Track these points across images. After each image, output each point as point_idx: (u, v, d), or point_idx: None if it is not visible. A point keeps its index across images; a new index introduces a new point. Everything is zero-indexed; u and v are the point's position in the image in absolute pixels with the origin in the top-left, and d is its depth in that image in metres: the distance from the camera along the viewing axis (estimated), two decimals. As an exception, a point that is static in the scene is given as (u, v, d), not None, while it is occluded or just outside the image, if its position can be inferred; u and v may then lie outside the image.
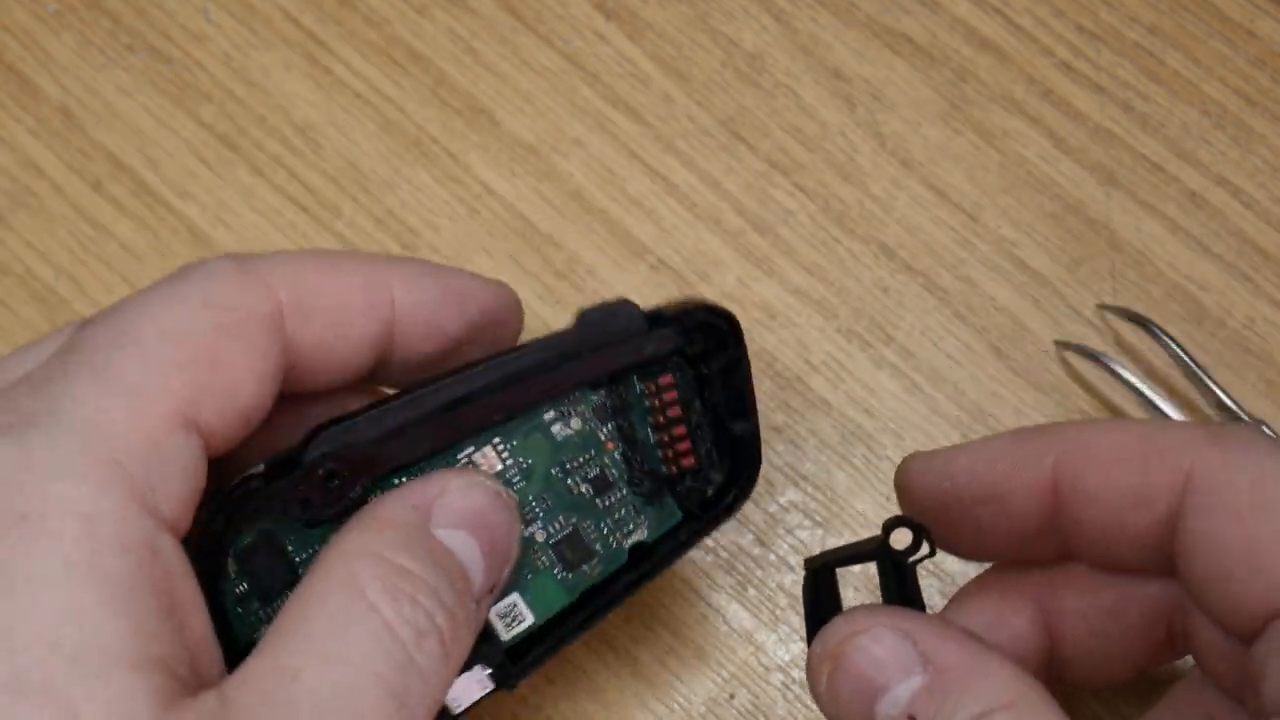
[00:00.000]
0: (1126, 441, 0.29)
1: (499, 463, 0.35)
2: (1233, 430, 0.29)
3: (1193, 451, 0.28)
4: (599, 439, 0.36)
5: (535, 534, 0.35)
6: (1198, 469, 0.28)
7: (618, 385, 0.37)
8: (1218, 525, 0.27)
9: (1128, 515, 0.29)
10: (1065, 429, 0.31)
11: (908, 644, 0.28)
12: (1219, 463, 0.28)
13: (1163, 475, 0.29)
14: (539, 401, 0.36)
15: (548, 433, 0.36)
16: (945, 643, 0.28)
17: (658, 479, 0.37)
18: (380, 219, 0.47)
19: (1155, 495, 0.29)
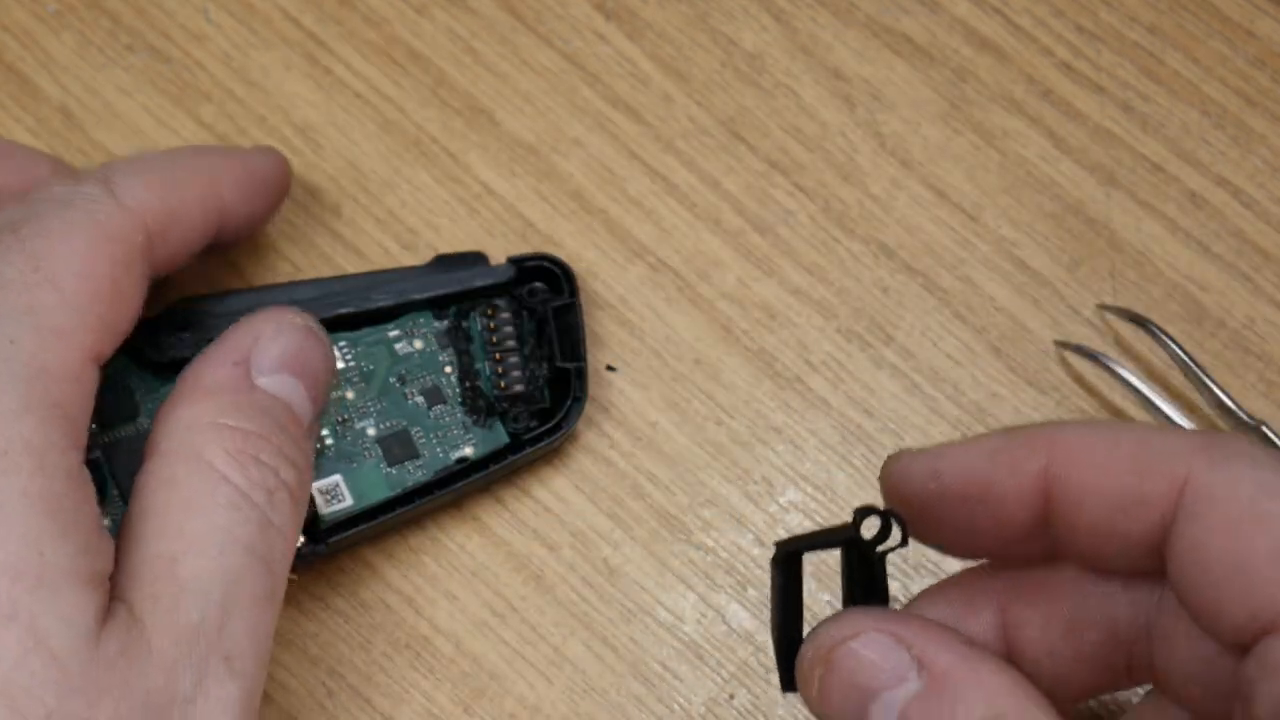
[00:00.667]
0: (1122, 445, 0.29)
1: (341, 362, 0.42)
2: (1230, 439, 0.29)
3: (1189, 459, 0.28)
4: (438, 361, 0.43)
5: (367, 429, 0.42)
6: (1193, 477, 0.28)
7: (460, 319, 0.43)
8: (1210, 535, 0.27)
9: (1120, 520, 0.29)
10: (1059, 429, 0.30)
11: (901, 649, 0.28)
12: (1215, 472, 0.28)
13: (1158, 481, 0.28)
14: (382, 311, 0.43)
15: (390, 346, 0.43)
16: (940, 648, 0.28)
17: (489, 402, 0.43)
18: (380, 219, 0.47)
19: (1149, 501, 0.28)
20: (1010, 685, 0.27)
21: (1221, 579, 0.27)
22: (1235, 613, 0.27)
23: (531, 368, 0.44)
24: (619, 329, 0.46)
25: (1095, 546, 0.30)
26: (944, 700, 0.27)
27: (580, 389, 0.43)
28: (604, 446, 0.45)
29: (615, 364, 0.46)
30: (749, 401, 0.45)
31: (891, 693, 0.28)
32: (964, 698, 0.27)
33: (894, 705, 0.27)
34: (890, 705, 0.27)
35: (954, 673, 0.27)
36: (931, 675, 0.27)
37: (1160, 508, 0.28)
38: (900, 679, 0.28)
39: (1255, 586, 0.26)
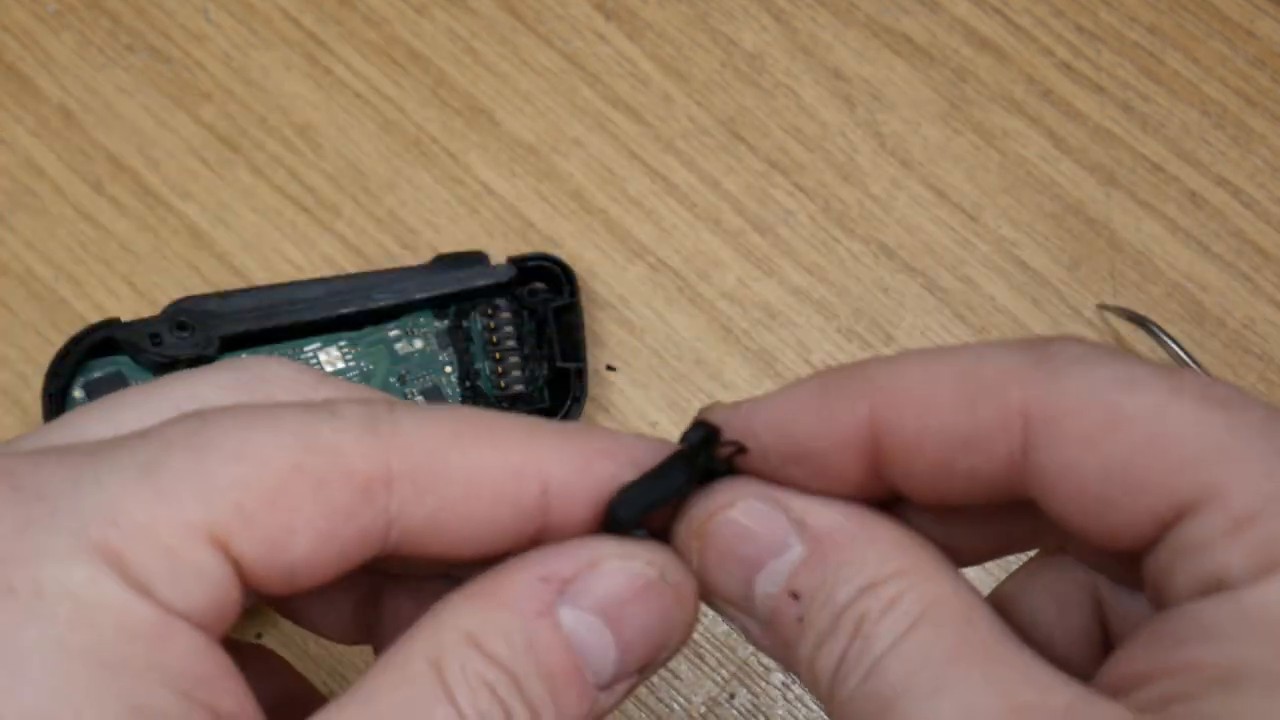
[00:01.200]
0: (946, 379, 0.26)
1: (341, 362, 0.42)
2: (1058, 347, 0.26)
3: (1022, 383, 0.26)
4: (438, 361, 0.44)
5: None
6: (1033, 402, 0.25)
7: (460, 319, 0.44)
8: (1073, 456, 0.25)
9: (960, 460, 0.26)
10: (875, 369, 0.27)
11: (779, 512, 0.26)
12: (1054, 389, 0.25)
13: (993, 414, 0.26)
14: (383, 310, 0.43)
15: (390, 346, 0.43)
16: (821, 509, 0.26)
17: (489, 402, 0.43)
18: (380, 219, 0.47)
19: (989, 436, 0.26)
20: (902, 540, 0.25)
21: (1101, 493, 0.25)
22: (1126, 520, 0.25)
23: (531, 368, 0.44)
24: (619, 329, 0.46)
25: (940, 491, 0.27)
26: (831, 563, 0.25)
27: (580, 389, 0.43)
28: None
29: (615, 364, 0.46)
30: (749, 401, 0.45)
31: (775, 561, 0.26)
32: (853, 559, 0.25)
33: (780, 574, 0.26)
34: (774, 575, 0.26)
35: (839, 533, 0.26)
36: (814, 538, 0.25)
37: (1004, 439, 0.26)
38: (783, 545, 0.26)
39: (1142, 491, 0.25)
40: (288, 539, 0.25)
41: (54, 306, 0.46)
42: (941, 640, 0.24)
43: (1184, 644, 0.23)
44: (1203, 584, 0.24)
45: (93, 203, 0.47)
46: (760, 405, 0.28)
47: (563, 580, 0.27)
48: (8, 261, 0.46)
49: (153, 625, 0.24)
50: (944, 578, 0.25)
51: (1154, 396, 0.25)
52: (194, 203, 0.47)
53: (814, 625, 0.25)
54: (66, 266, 0.46)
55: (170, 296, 0.45)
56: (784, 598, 0.25)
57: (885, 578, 0.25)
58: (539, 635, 0.26)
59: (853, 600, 0.25)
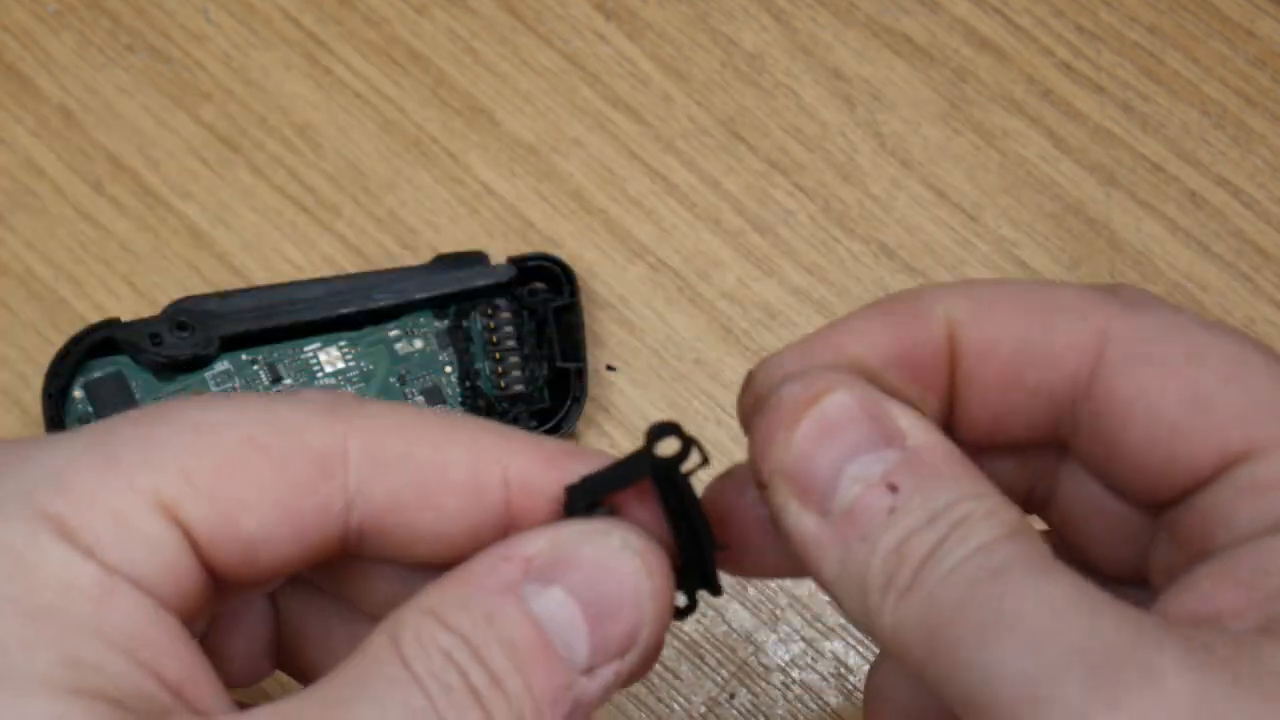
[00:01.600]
0: (1027, 294, 0.27)
1: (341, 362, 0.42)
2: (1130, 289, 0.27)
3: (1104, 308, 0.26)
4: (438, 361, 0.43)
5: None
6: (1115, 326, 0.26)
7: (460, 319, 0.44)
8: (1151, 381, 0.25)
9: (1029, 373, 0.26)
10: (942, 289, 0.27)
11: (882, 414, 0.26)
12: (1136, 320, 0.26)
13: (1070, 330, 0.26)
14: (383, 310, 0.43)
15: (390, 346, 0.43)
16: (918, 425, 0.26)
17: (489, 402, 0.43)
18: (380, 219, 0.47)
19: (1062, 351, 0.26)
20: (980, 476, 0.25)
21: (1172, 418, 0.25)
22: (1196, 456, 0.25)
23: (531, 368, 0.44)
24: (619, 329, 0.46)
25: (998, 406, 0.27)
26: (927, 471, 0.25)
27: (580, 389, 0.43)
28: (604, 446, 0.45)
29: (615, 364, 0.46)
30: (749, 401, 0.45)
31: (871, 454, 0.25)
32: (945, 476, 0.25)
33: (874, 469, 0.25)
34: (869, 467, 0.25)
35: (937, 448, 0.25)
36: (914, 447, 0.25)
37: (1075, 359, 0.26)
38: (885, 442, 0.25)
39: (1212, 418, 0.25)
40: (240, 510, 0.25)
41: (54, 306, 0.46)
42: (1040, 547, 0.24)
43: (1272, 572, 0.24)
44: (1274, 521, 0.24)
45: (93, 203, 0.47)
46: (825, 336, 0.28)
47: (524, 558, 0.26)
48: (8, 261, 0.46)
49: (94, 582, 0.24)
50: (1011, 508, 0.25)
51: (1230, 339, 0.25)
52: (194, 203, 0.47)
53: (907, 517, 0.25)
54: (66, 266, 0.46)
55: (170, 296, 0.45)
56: (879, 487, 0.25)
57: (979, 495, 0.25)
58: (500, 610, 0.25)
59: (954, 503, 0.24)
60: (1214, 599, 0.24)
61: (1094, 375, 0.26)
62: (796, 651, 0.43)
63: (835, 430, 0.25)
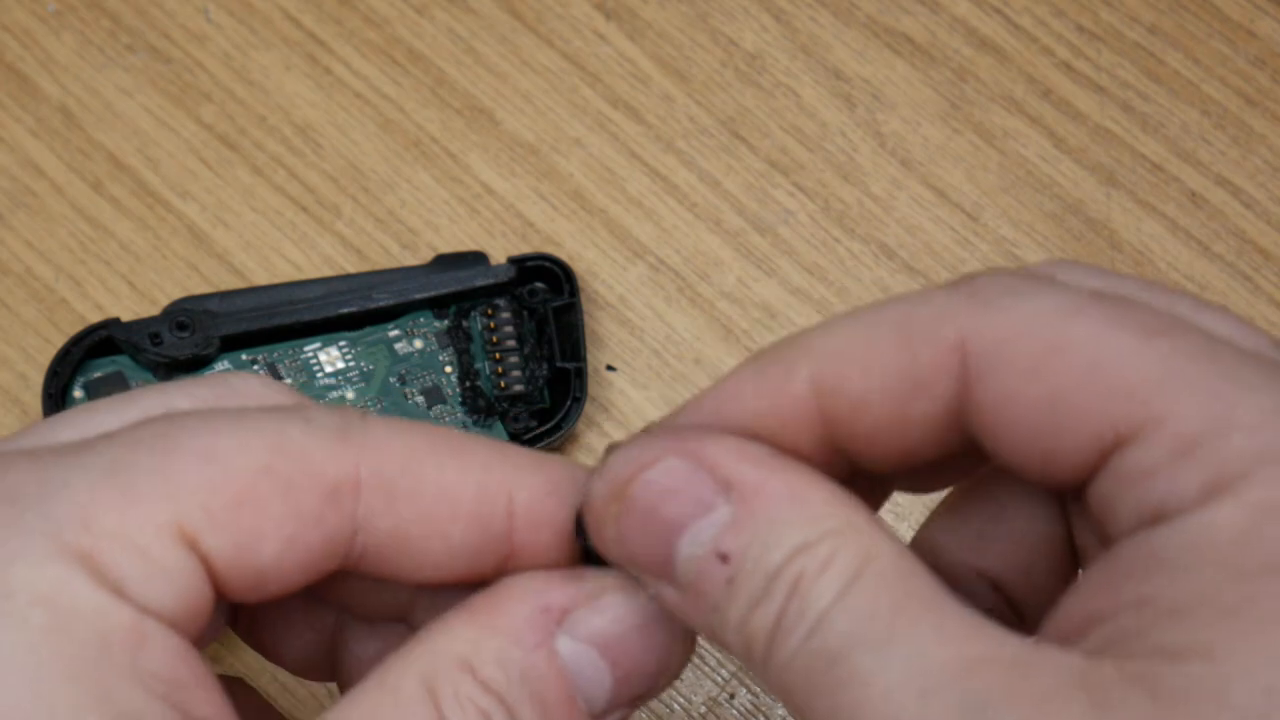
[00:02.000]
0: (881, 331, 0.26)
1: (341, 362, 0.42)
2: (985, 280, 0.26)
3: (956, 319, 0.25)
4: (438, 361, 0.43)
5: None
6: (969, 335, 0.25)
7: (460, 319, 0.44)
8: (1013, 385, 0.24)
9: (908, 408, 0.25)
10: (808, 336, 0.26)
11: (703, 472, 0.25)
12: (989, 321, 0.25)
13: (932, 353, 0.25)
14: (383, 310, 0.43)
15: (390, 346, 0.43)
16: (748, 466, 0.25)
17: (488, 402, 0.43)
18: (380, 219, 0.47)
19: (931, 377, 0.25)
20: (832, 497, 0.25)
21: (1043, 424, 0.24)
22: (1069, 452, 0.24)
23: (531, 368, 0.44)
24: (619, 329, 0.46)
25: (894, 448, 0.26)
26: (759, 523, 0.24)
27: (580, 389, 0.43)
28: (604, 446, 0.45)
29: (615, 364, 0.46)
30: (749, 401, 0.45)
31: (700, 522, 0.25)
32: (783, 518, 0.24)
33: (703, 537, 0.24)
34: (698, 538, 0.25)
35: (767, 491, 0.24)
36: (742, 497, 0.24)
37: (944, 380, 0.25)
38: (708, 506, 0.25)
39: (1083, 418, 0.24)
40: (256, 541, 0.25)
41: (54, 306, 0.46)
42: (885, 594, 0.23)
43: (1131, 579, 0.23)
44: (1147, 513, 0.24)
45: (93, 203, 0.47)
46: (700, 402, 0.27)
47: (563, 610, 0.26)
48: (8, 261, 0.46)
49: (128, 629, 0.24)
50: (878, 534, 0.24)
51: (1093, 324, 0.24)
52: (194, 203, 0.47)
53: (745, 586, 0.24)
54: (66, 266, 0.46)
55: (170, 296, 0.45)
56: (711, 560, 0.24)
57: (819, 537, 0.24)
58: (535, 665, 0.26)
59: (788, 559, 0.24)
60: (1078, 610, 0.24)
61: (965, 390, 0.25)
62: (796, 651, 0.43)
63: (657, 509, 0.25)
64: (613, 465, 0.26)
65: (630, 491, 0.26)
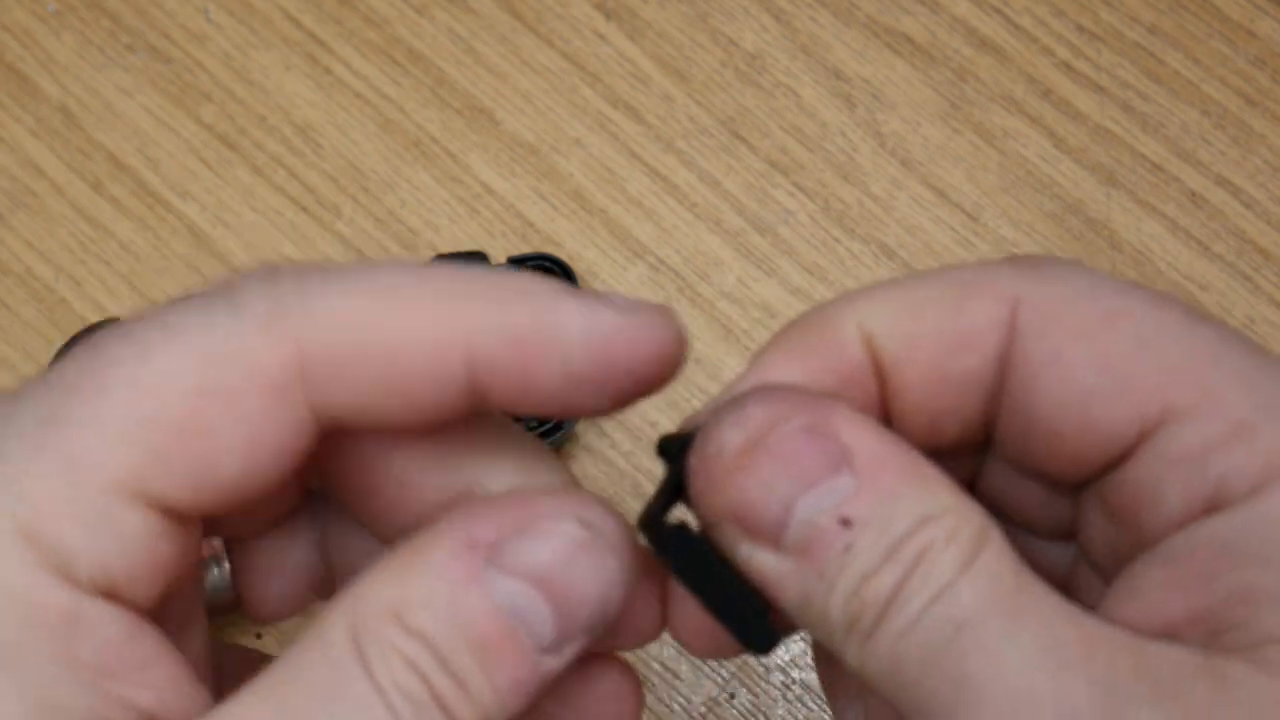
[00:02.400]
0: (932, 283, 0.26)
1: None
2: (1046, 259, 0.26)
3: (1013, 281, 0.25)
4: None
5: None
6: (1025, 295, 0.25)
7: None
8: (1064, 346, 0.25)
9: (950, 362, 0.26)
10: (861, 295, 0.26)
11: (830, 438, 0.25)
12: (1046, 288, 0.25)
13: (983, 309, 0.25)
14: None
15: None
16: (871, 438, 0.25)
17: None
18: (380, 219, 0.47)
19: (977, 332, 0.25)
20: (947, 485, 0.24)
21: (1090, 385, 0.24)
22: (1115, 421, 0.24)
23: None
24: (619, 329, 0.46)
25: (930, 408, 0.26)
26: (883, 494, 0.24)
27: None
28: (604, 446, 0.45)
29: (615, 364, 0.46)
30: (749, 401, 0.45)
31: (823, 486, 0.24)
32: (904, 494, 0.24)
33: (826, 502, 0.24)
34: (821, 502, 0.24)
35: (890, 464, 0.24)
36: (865, 467, 0.24)
37: (993, 333, 0.25)
38: (833, 471, 0.24)
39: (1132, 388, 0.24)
40: (210, 465, 0.24)
41: (54, 306, 0.46)
42: (1008, 571, 0.23)
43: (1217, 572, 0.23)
44: (1202, 497, 0.24)
45: (93, 203, 0.47)
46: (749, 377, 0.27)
47: (489, 545, 0.25)
48: (8, 261, 0.46)
49: (61, 613, 0.23)
50: (981, 511, 0.24)
51: (1144, 303, 0.25)
52: (194, 203, 0.47)
53: (864, 554, 0.24)
54: (66, 266, 0.46)
55: (170, 296, 0.45)
56: (832, 524, 0.24)
57: (941, 511, 0.24)
58: (466, 604, 0.25)
59: (913, 530, 0.24)
60: (1164, 608, 0.24)
61: (1010, 348, 0.25)
62: (796, 651, 0.43)
63: (779, 466, 0.25)
64: (752, 414, 0.25)
65: (768, 442, 0.25)
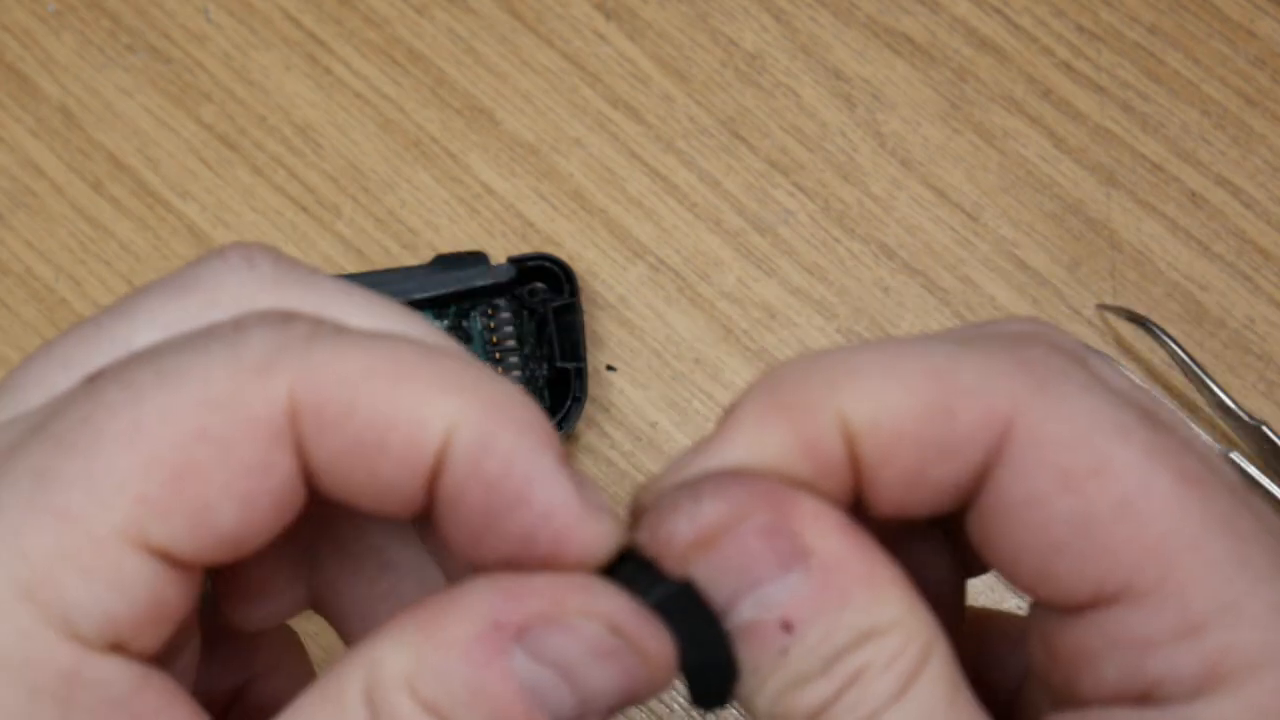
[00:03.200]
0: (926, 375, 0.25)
1: None
2: (1043, 356, 0.25)
3: (1010, 394, 0.24)
4: None
5: None
6: (1020, 417, 0.24)
7: (460, 319, 0.44)
8: (1045, 490, 0.24)
9: (932, 469, 0.25)
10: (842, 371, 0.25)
11: (788, 534, 0.24)
12: (1044, 412, 0.24)
13: (974, 424, 0.24)
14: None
15: None
16: (832, 536, 0.24)
17: None
18: (380, 219, 0.47)
19: (963, 444, 0.24)
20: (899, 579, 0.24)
21: (1057, 538, 0.24)
22: (1072, 580, 0.24)
23: (531, 368, 0.44)
24: (619, 329, 0.46)
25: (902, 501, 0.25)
26: (831, 601, 0.24)
27: (580, 389, 0.43)
28: (604, 446, 0.45)
29: (615, 364, 0.46)
30: (749, 401, 0.45)
31: (772, 586, 0.24)
32: (857, 600, 0.24)
33: (771, 601, 0.24)
34: (766, 599, 0.24)
35: (846, 568, 0.24)
36: (821, 568, 0.24)
37: (978, 452, 0.24)
38: (785, 569, 0.24)
39: (1098, 552, 0.23)
40: (208, 513, 0.24)
41: (54, 306, 0.46)
42: (938, 696, 0.23)
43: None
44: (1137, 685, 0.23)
45: (93, 203, 0.47)
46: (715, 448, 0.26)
47: (519, 627, 0.24)
48: (8, 261, 0.46)
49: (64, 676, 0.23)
50: (931, 623, 0.24)
51: (1137, 454, 0.24)
52: (194, 203, 0.47)
53: (799, 662, 0.24)
54: (66, 266, 0.46)
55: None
56: (773, 625, 0.24)
57: (888, 625, 0.24)
58: (486, 684, 0.24)
59: (854, 644, 0.23)
60: None
61: (993, 466, 0.25)
62: (796, 651, 0.43)
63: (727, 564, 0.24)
64: (706, 511, 0.25)
65: (719, 543, 0.24)
